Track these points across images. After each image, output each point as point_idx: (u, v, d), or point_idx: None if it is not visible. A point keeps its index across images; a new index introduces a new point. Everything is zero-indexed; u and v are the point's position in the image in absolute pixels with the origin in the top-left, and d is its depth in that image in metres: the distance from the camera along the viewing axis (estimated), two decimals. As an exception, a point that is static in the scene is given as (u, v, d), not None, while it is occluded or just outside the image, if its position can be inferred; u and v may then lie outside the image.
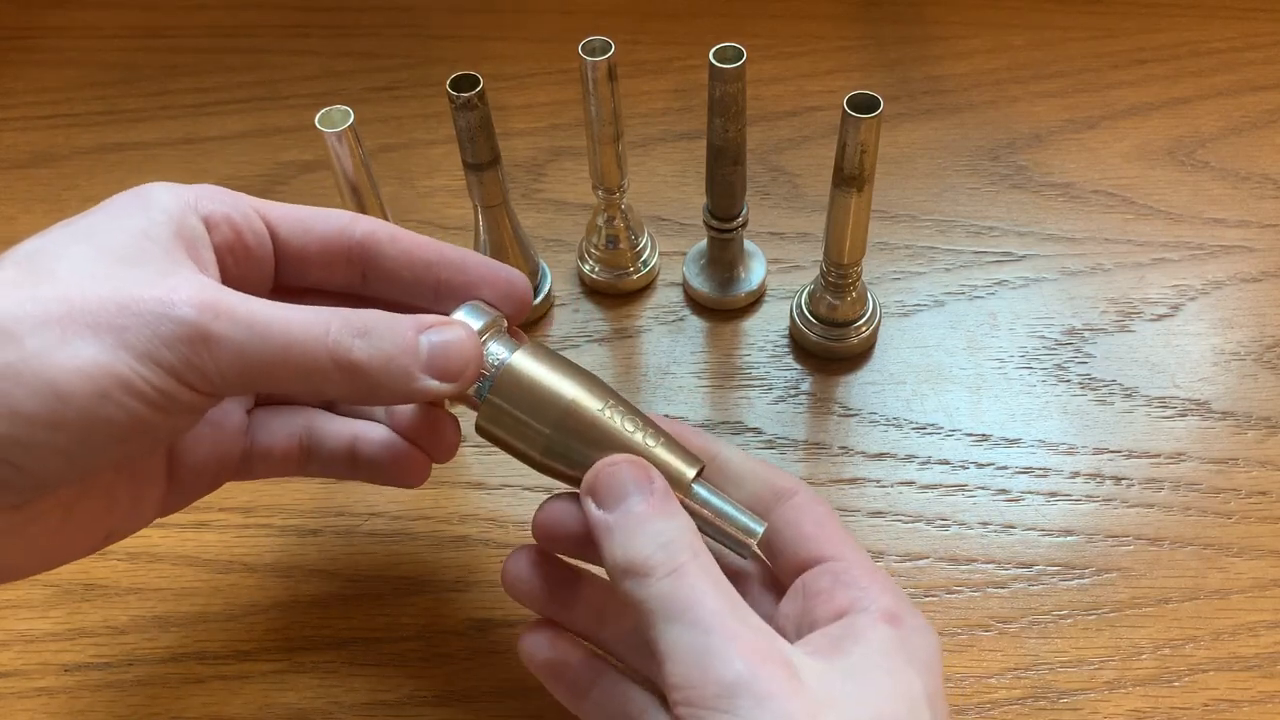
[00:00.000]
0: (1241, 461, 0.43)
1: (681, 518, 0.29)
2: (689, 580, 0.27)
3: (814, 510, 0.32)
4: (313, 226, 0.32)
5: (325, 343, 0.28)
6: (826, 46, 0.61)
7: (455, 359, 0.30)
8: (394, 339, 0.29)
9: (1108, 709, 0.37)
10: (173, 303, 0.27)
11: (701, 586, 0.27)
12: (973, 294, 0.49)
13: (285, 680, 0.39)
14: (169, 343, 0.26)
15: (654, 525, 0.29)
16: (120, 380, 0.26)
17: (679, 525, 0.29)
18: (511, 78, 0.60)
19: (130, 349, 0.26)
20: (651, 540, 0.28)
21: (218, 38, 0.64)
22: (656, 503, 0.29)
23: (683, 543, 0.28)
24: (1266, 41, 0.59)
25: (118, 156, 0.57)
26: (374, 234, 0.32)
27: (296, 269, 0.32)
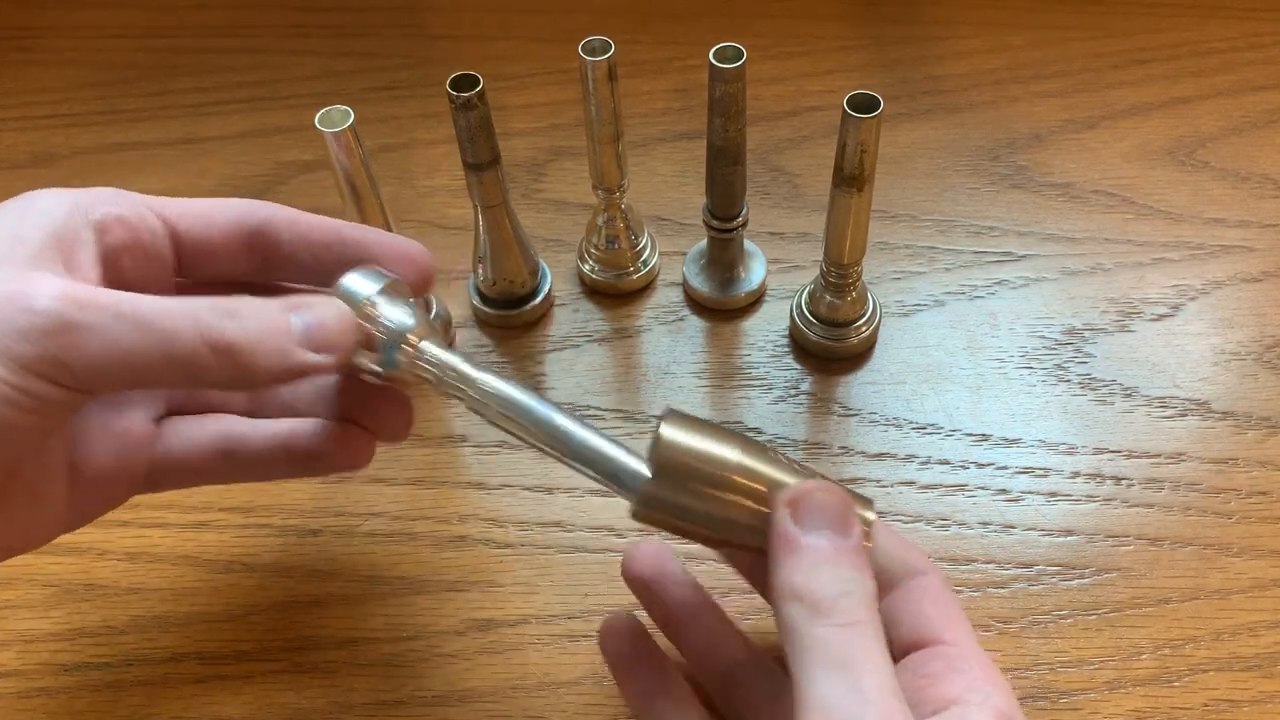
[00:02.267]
0: (1241, 461, 0.43)
1: (869, 574, 0.28)
2: (864, 641, 0.26)
3: (940, 594, 0.31)
4: (211, 218, 0.32)
5: (196, 326, 0.27)
6: (826, 46, 0.61)
7: (330, 330, 0.30)
8: (263, 317, 0.29)
9: (1108, 709, 0.37)
10: (31, 295, 0.26)
11: (875, 653, 0.26)
12: (973, 294, 0.49)
13: (285, 680, 0.39)
14: (27, 335, 0.26)
15: (846, 570, 0.27)
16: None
17: (866, 581, 0.27)
18: (511, 78, 0.60)
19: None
20: (840, 583, 0.27)
21: (218, 38, 0.64)
22: (854, 547, 0.28)
23: (867, 600, 0.27)
24: (1267, 41, 0.59)
25: (117, 156, 0.57)
26: (271, 220, 0.32)
27: (200, 262, 0.32)
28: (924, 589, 0.31)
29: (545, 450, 0.31)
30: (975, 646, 0.30)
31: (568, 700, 0.38)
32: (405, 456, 0.44)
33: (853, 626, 0.26)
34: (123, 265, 0.30)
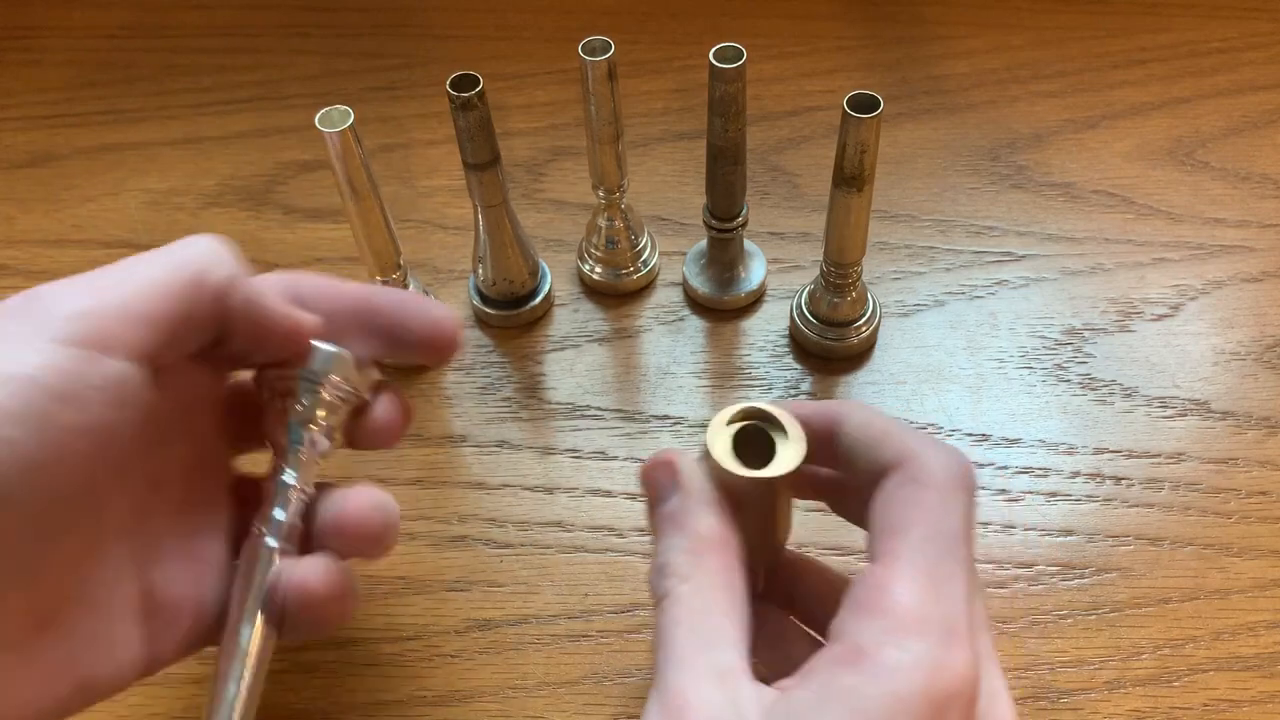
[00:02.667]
0: (1241, 461, 0.43)
1: (685, 531, 0.27)
2: (665, 614, 0.26)
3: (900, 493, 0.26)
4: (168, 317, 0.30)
5: None
6: (826, 46, 0.61)
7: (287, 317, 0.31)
8: None
9: (1108, 709, 0.37)
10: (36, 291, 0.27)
11: (673, 619, 0.25)
12: (973, 294, 0.49)
13: (285, 680, 0.39)
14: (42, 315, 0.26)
15: (660, 543, 0.27)
16: None
17: (674, 544, 0.27)
18: (511, 78, 0.60)
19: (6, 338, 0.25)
20: (655, 563, 0.27)
21: (218, 38, 0.64)
22: (661, 514, 0.28)
23: (675, 565, 0.26)
24: (1267, 41, 0.59)
25: (117, 156, 0.57)
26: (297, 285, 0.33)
27: None
28: (885, 492, 0.27)
29: None
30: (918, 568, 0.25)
31: (568, 700, 0.38)
32: (405, 456, 0.44)
33: (662, 601, 0.26)
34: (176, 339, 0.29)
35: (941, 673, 0.23)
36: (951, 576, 0.24)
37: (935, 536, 0.25)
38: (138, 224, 0.54)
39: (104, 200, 0.55)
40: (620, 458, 0.44)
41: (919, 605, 0.24)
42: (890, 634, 0.23)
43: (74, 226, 0.54)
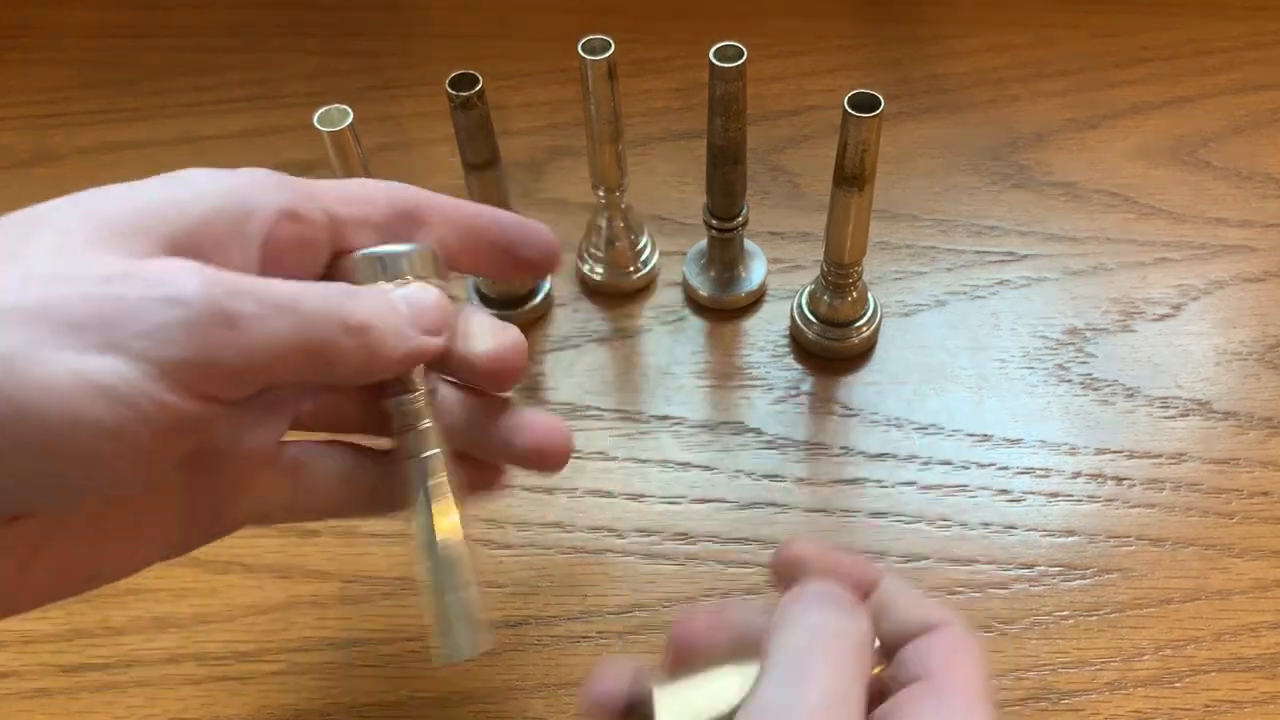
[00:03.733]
0: (1243, 462, 0.43)
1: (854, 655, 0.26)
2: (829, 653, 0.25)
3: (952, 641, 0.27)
4: (369, 204, 0.29)
5: (329, 307, 0.25)
6: (827, 45, 0.61)
7: (431, 311, 0.28)
8: (378, 298, 0.27)
9: (1109, 710, 0.37)
10: (177, 283, 0.22)
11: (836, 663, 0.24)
12: (974, 294, 0.49)
13: (285, 680, 0.39)
14: (173, 335, 0.22)
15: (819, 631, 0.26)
16: (104, 391, 0.21)
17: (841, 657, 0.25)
18: (511, 77, 0.60)
19: (121, 350, 0.21)
20: None
21: (217, 37, 0.64)
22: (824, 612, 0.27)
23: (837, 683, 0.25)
24: (1269, 40, 0.59)
25: (116, 156, 0.57)
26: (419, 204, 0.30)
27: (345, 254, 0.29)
28: (938, 637, 0.27)
29: None
30: (971, 690, 0.26)
31: (567, 701, 0.38)
32: (405, 457, 0.44)
33: None
34: (284, 264, 0.26)
35: None
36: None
37: None
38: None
39: (103, 200, 0.55)
40: (620, 458, 0.44)
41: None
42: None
43: (73, 226, 0.54)
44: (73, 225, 0.23)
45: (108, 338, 0.21)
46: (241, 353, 0.23)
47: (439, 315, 0.29)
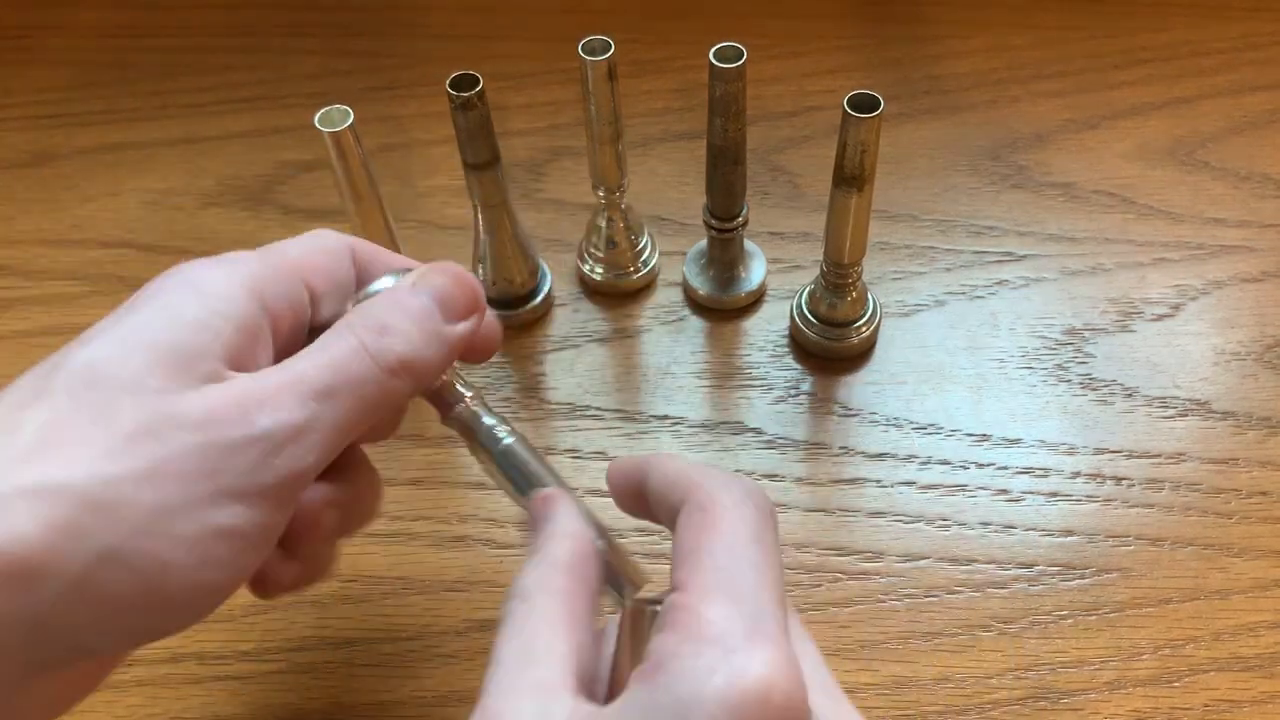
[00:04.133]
0: (1242, 462, 0.43)
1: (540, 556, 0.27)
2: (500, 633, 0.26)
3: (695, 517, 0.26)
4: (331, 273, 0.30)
5: (373, 363, 0.26)
6: (827, 46, 0.61)
7: (464, 292, 0.29)
8: (408, 316, 0.27)
9: (1108, 709, 0.37)
10: (251, 420, 0.24)
11: (504, 638, 0.25)
12: (973, 294, 0.49)
13: (285, 680, 0.39)
14: (266, 463, 0.24)
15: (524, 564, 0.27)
16: (226, 533, 0.23)
17: (527, 567, 0.27)
18: (511, 78, 0.60)
19: (229, 493, 0.24)
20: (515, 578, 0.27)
21: (218, 38, 0.64)
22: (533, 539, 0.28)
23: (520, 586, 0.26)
24: (1267, 41, 0.59)
25: (116, 156, 0.57)
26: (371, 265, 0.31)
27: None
28: (678, 526, 0.26)
29: None
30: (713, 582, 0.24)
31: (568, 700, 0.38)
32: (405, 456, 0.44)
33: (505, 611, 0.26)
34: (287, 351, 0.28)
35: (740, 677, 0.22)
36: (751, 585, 0.24)
37: (725, 550, 0.25)
38: (136, 224, 0.54)
39: (103, 200, 0.55)
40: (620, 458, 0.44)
41: (713, 613, 0.23)
42: (684, 644, 0.23)
43: (73, 226, 0.54)
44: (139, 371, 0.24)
45: (215, 487, 0.24)
46: (317, 452, 0.25)
47: (468, 295, 0.29)
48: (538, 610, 0.26)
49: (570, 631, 0.25)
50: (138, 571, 0.22)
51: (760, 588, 0.24)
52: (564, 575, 0.26)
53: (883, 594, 0.40)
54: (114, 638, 0.24)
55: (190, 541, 0.23)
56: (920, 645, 0.39)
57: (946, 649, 0.39)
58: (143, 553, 0.23)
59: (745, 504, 0.26)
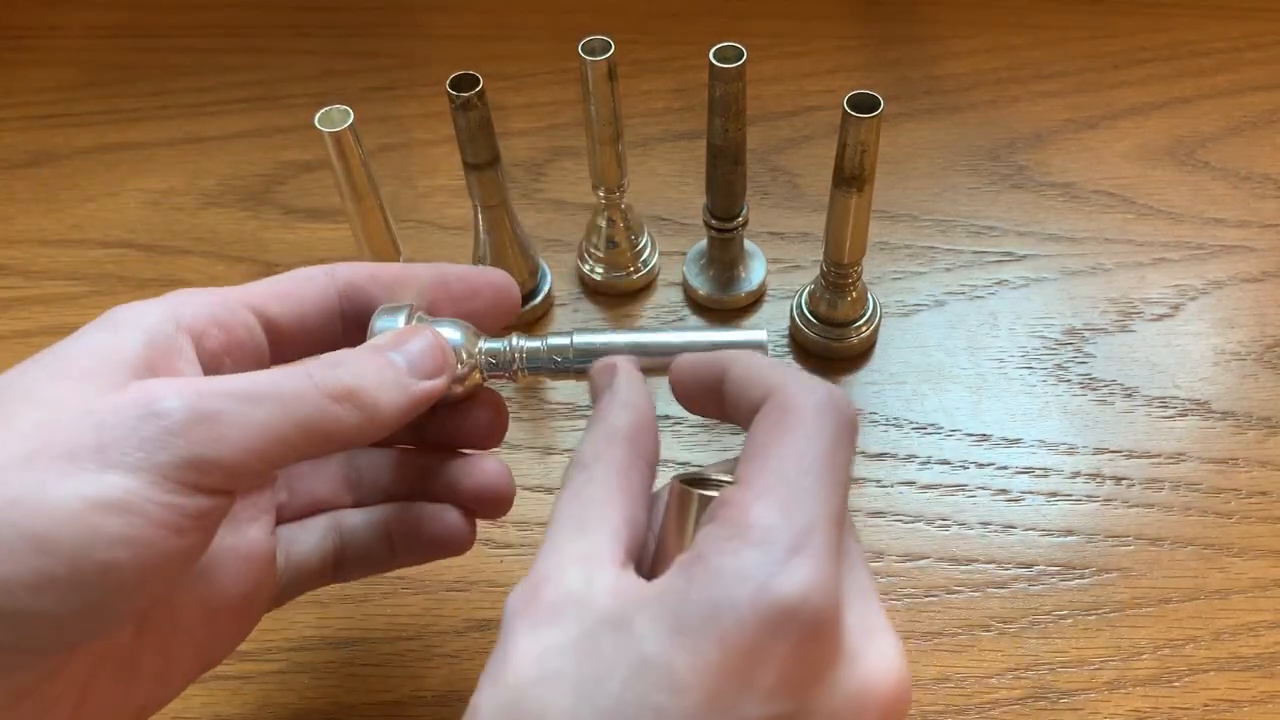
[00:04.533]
0: (1242, 461, 0.43)
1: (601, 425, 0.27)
2: (558, 500, 0.26)
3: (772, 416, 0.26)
4: (301, 295, 0.31)
5: (314, 383, 0.26)
6: (826, 46, 0.61)
7: (429, 356, 0.29)
8: (369, 360, 0.28)
9: (1108, 709, 0.37)
10: (151, 400, 0.24)
11: (562, 504, 0.26)
12: (973, 294, 0.49)
13: (285, 680, 0.39)
14: (163, 441, 0.24)
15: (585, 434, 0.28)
16: (112, 506, 0.23)
17: (588, 437, 0.27)
18: (511, 78, 0.60)
19: (118, 466, 0.23)
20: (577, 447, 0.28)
21: (218, 38, 0.64)
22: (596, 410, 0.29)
23: (581, 455, 0.27)
24: (1267, 41, 0.59)
25: (116, 156, 0.57)
26: (354, 281, 0.31)
27: (295, 344, 0.31)
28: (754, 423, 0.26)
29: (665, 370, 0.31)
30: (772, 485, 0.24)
31: (568, 700, 0.38)
32: (405, 456, 0.44)
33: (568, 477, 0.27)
34: (225, 368, 0.29)
35: (774, 586, 0.22)
36: (810, 496, 0.24)
37: (795, 456, 0.24)
38: (136, 224, 0.54)
39: (103, 200, 0.55)
40: (620, 458, 0.44)
41: (764, 518, 0.23)
42: (729, 541, 0.23)
43: (73, 226, 0.54)
44: (40, 382, 0.25)
45: (103, 460, 0.23)
46: (233, 445, 0.24)
47: (436, 357, 0.29)
48: (596, 479, 0.26)
49: (624, 502, 0.26)
50: (10, 547, 0.22)
51: (819, 501, 0.24)
52: (622, 446, 0.27)
53: (883, 594, 0.40)
54: (16, 629, 0.23)
55: (70, 514, 0.22)
56: (920, 645, 0.39)
57: (946, 649, 0.39)
58: (13, 526, 0.22)
59: (827, 412, 0.25)
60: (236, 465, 0.25)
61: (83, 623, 0.23)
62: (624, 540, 0.25)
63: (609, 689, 0.22)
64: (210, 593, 0.29)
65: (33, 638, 0.23)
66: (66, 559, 0.22)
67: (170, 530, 0.24)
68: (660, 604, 0.23)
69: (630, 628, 0.23)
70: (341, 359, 0.28)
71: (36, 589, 0.22)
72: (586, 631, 0.23)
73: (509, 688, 0.23)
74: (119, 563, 0.23)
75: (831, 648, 0.23)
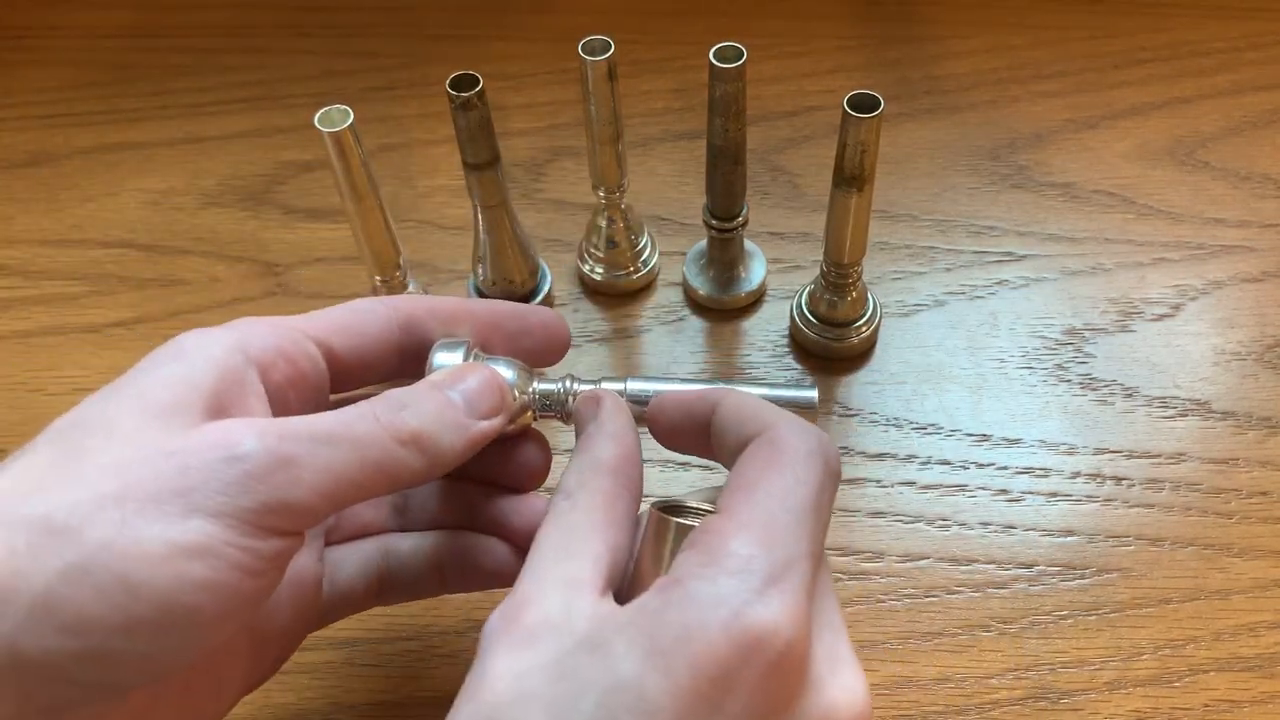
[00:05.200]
0: (1242, 461, 0.43)
1: (586, 456, 0.28)
2: (542, 528, 0.27)
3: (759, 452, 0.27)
4: (363, 329, 0.31)
5: (380, 428, 0.27)
6: (826, 46, 0.61)
7: (486, 396, 0.30)
8: (430, 400, 0.28)
9: (1108, 709, 0.37)
10: (233, 443, 0.24)
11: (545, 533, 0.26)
12: (973, 294, 0.49)
13: (285, 680, 0.39)
14: (244, 485, 0.24)
15: (570, 463, 0.28)
16: (197, 551, 0.23)
17: (573, 467, 0.28)
18: (511, 78, 0.60)
19: (202, 511, 0.24)
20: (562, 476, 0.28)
21: (218, 38, 0.64)
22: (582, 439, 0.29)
23: (565, 485, 0.27)
24: (1267, 41, 0.59)
25: (116, 156, 0.57)
26: (414, 315, 0.32)
27: (354, 376, 0.32)
28: (742, 457, 0.27)
29: None
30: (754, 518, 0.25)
31: (568, 700, 0.38)
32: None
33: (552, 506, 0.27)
34: (288, 400, 0.29)
35: (748, 614, 0.23)
36: (789, 534, 0.24)
37: (781, 494, 0.25)
38: (137, 224, 0.54)
39: (103, 200, 0.55)
40: (620, 458, 0.44)
41: (744, 548, 0.24)
42: (706, 568, 0.24)
43: (73, 226, 0.54)
44: (119, 417, 0.25)
45: (187, 504, 0.23)
46: (308, 488, 0.25)
47: (493, 397, 0.30)
48: (580, 507, 0.27)
49: (607, 531, 0.26)
50: (102, 589, 0.22)
51: (799, 539, 0.24)
52: (607, 476, 0.28)
53: (883, 594, 0.40)
54: (102, 668, 0.23)
55: (158, 558, 0.23)
56: (920, 645, 0.39)
57: (946, 649, 0.39)
58: (106, 568, 0.22)
59: (817, 458, 0.26)
60: (310, 508, 0.25)
61: (163, 661, 0.24)
62: (606, 567, 0.26)
63: (582, 709, 0.22)
64: (259, 620, 0.30)
65: (117, 675, 0.24)
66: (156, 603, 0.23)
67: (247, 573, 0.24)
68: (635, 626, 0.23)
69: (606, 649, 0.23)
70: (406, 401, 0.28)
71: (126, 631, 0.23)
72: (563, 653, 0.23)
73: (485, 705, 0.24)
74: (202, 606, 0.23)
75: (798, 677, 0.24)
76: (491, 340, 0.33)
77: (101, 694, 0.24)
